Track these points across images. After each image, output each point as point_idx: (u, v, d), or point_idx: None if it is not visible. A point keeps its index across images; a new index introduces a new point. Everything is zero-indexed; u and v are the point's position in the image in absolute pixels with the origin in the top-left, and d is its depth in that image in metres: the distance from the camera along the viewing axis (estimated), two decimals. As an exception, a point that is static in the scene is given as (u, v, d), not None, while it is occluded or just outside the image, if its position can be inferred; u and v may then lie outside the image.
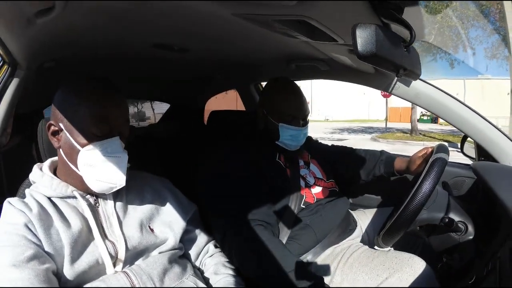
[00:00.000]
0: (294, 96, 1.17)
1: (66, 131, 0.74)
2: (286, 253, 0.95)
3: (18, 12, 0.65)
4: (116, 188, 0.77)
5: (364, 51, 0.48)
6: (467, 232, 0.98)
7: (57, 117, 0.76)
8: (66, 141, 0.75)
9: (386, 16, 0.57)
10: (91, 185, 0.75)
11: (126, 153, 0.77)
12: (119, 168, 0.75)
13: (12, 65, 0.91)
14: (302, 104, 1.17)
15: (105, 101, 0.75)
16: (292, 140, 1.16)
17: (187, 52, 1.16)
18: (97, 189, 0.76)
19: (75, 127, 0.73)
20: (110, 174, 0.74)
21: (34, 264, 0.63)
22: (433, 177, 0.84)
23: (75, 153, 0.74)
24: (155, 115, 4.81)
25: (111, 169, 0.74)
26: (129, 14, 0.77)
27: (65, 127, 0.74)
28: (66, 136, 0.74)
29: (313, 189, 1.16)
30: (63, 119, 0.74)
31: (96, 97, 0.74)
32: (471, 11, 11.11)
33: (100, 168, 0.73)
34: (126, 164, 0.77)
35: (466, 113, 1.12)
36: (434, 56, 13.23)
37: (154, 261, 0.78)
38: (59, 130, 0.75)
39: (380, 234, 0.94)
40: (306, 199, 1.12)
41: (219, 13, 0.68)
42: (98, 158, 0.73)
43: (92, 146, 0.73)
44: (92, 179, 0.74)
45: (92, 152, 0.73)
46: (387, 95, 13.92)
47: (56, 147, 0.77)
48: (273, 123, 1.16)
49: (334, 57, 1.08)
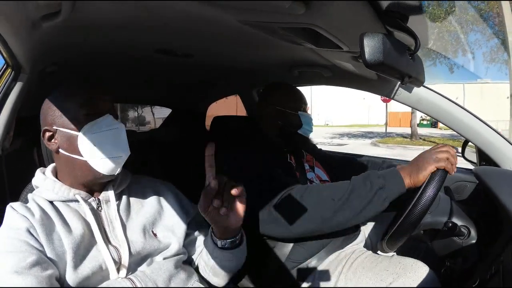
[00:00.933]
0: (295, 90, 1.31)
1: (60, 127, 0.75)
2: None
3: (24, 16, 0.65)
4: (123, 159, 0.77)
5: (372, 60, 0.49)
6: (470, 236, 0.98)
7: (48, 122, 0.77)
8: (63, 135, 0.75)
9: (391, 25, 0.57)
10: (99, 167, 0.74)
11: (122, 124, 0.77)
12: (120, 139, 0.76)
13: (16, 69, 0.91)
14: (300, 95, 1.30)
15: (90, 89, 0.78)
16: (310, 126, 1.27)
17: (190, 58, 1.16)
18: (105, 170, 0.75)
19: (67, 118, 0.75)
20: (113, 147, 0.75)
21: (36, 270, 0.62)
22: (436, 183, 0.84)
23: (74, 141, 0.74)
24: (155, 120, 4.82)
25: (112, 142, 0.75)
26: (134, 20, 0.77)
27: (58, 125, 0.76)
28: (61, 131, 0.75)
29: None
30: (54, 120, 0.76)
31: (82, 88, 0.78)
32: (470, 16, 11.17)
33: (102, 144, 0.74)
34: (125, 134, 0.77)
35: (467, 118, 1.12)
36: (434, 61, 13.29)
37: (159, 267, 0.77)
38: (54, 132, 0.76)
39: (384, 239, 0.94)
40: None
41: (225, 20, 0.68)
42: (97, 136, 0.74)
43: (87, 128, 0.74)
44: (97, 160, 0.74)
45: (89, 132, 0.74)
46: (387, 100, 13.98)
47: (54, 149, 0.77)
48: (292, 114, 1.24)
49: (338, 63, 1.09)
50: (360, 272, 0.99)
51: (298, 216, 0.93)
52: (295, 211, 0.93)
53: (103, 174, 0.75)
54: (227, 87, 1.90)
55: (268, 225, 0.98)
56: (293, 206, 0.94)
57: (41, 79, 1.07)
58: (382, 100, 14.60)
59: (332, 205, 0.90)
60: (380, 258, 1.02)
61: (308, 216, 0.92)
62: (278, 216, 0.96)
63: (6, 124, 0.92)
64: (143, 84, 1.74)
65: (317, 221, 0.92)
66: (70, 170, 0.77)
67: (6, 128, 0.92)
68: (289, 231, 0.95)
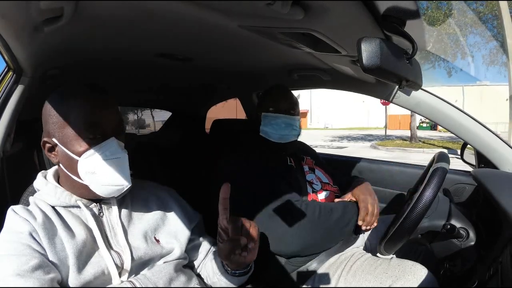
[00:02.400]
0: (277, 91, 1.25)
1: (60, 144, 0.72)
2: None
3: (26, 19, 0.65)
4: (124, 189, 0.74)
5: (369, 65, 0.50)
6: (469, 238, 0.98)
7: (49, 132, 0.73)
8: (63, 154, 0.72)
9: (389, 29, 0.58)
10: (98, 191, 0.73)
11: (126, 152, 0.74)
12: (122, 170, 0.72)
13: (17, 72, 0.91)
14: (287, 97, 1.23)
15: (95, 106, 0.72)
16: (273, 128, 1.19)
17: (191, 61, 1.17)
18: (105, 194, 0.74)
19: (69, 137, 0.71)
20: (114, 177, 0.72)
21: (39, 273, 0.62)
22: (434, 187, 0.85)
23: (74, 164, 0.71)
24: (155, 123, 4.83)
25: (114, 172, 0.71)
26: (134, 24, 0.78)
27: (58, 141, 0.72)
28: (62, 149, 0.72)
29: (319, 194, 1.17)
30: (55, 133, 0.72)
31: (85, 103, 0.72)
32: (469, 18, 11.21)
33: (103, 173, 0.71)
34: (128, 164, 0.74)
35: (466, 121, 1.13)
36: (433, 64, 13.33)
37: (159, 270, 0.77)
38: (54, 145, 0.73)
39: (382, 243, 0.94)
40: None
41: (225, 24, 0.69)
42: (98, 163, 0.70)
43: (89, 153, 0.70)
44: (97, 186, 0.72)
45: (91, 159, 0.70)
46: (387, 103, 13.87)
47: (55, 162, 0.75)
48: (258, 117, 1.23)
49: (336, 67, 1.09)
50: (360, 275, 0.99)
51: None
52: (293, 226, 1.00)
53: (103, 196, 0.75)
54: (227, 90, 1.90)
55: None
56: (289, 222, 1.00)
57: (43, 82, 1.07)
58: (382, 103, 14.58)
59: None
60: (380, 261, 1.03)
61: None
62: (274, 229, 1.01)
63: (7, 127, 0.92)
64: (143, 88, 1.74)
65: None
66: (70, 184, 0.76)
67: (7, 131, 0.93)
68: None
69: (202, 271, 0.91)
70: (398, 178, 1.60)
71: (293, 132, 1.21)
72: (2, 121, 0.91)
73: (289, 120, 1.19)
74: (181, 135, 2.00)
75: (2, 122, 0.91)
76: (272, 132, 1.19)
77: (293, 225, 1.00)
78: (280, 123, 1.18)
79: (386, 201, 1.60)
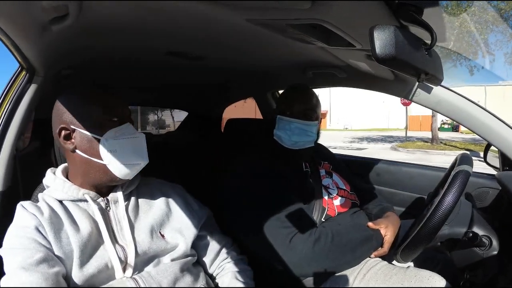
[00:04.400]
0: (294, 92, 1.18)
1: (79, 128, 0.76)
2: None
3: (32, 19, 0.66)
4: (141, 166, 0.79)
5: (383, 54, 0.46)
6: (491, 247, 0.92)
7: (65, 120, 0.77)
8: (82, 137, 0.76)
9: (405, 18, 0.54)
10: (116, 171, 0.76)
11: (142, 133, 0.80)
12: (140, 148, 0.79)
13: (30, 72, 0.92)
14: (304, 99, 1.15)
15: (111, 94, 0.80)
16: (286, 133, 1.11)
17: (202, 60, 1.16)
18: (122, 175, 0.77)
19: (89, 121, 0.76)
20: (134, 155, 0.77)
21: (43, 267, 0.64)
22: (456, 191, 0.80)
23: (95, 145, 0.75)
24: (174, 123, 4.92)
25: (133, 149, 0.78)
26: (143, 23, 0.77)
27: (77, 126, 0.76)
28: (82, 132, 0.76)
29: (335, 200, 1.13)
30: (73, 120, 0.76)
31: (106, 94, 0.80)
32: (490, 16, 10.81)
33: (123, 151, 0.76)
34: (145, 143, 0.80)
35: (490, 120, 1.06)
36: (454, 62, 12.91)
37: (165, 269, 0.77)
38: (71, 131, 0.76)
39: (399, 249, 0.90)
40: (328, 211, 1.09)
41: (232, 19, 0.67)
42: (119, 141, 0.76)
43: (110, 134, 0.75)
44: (116, 165, 0.76)
45: (112, 138, 0.75)
46: (407, 103, 13.66)
47: (71, 149, 0.77)
48: (274, 119, 1.16)
49: (352, 63, 1.05)
50: (373, 284, 0.94)
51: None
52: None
53: (119, 178, 0.77)
54: (241, 89, 1.88)
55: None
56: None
57: (57, 82, 1.09)
58: (402, 103, 14.29)
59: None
60: (395, 269, 0.97)
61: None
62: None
63: (20, 125, 0.94)
64: (157, 87, 1.76)
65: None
66: (84, 171, 0.78)
67: (20, 129, 0.94)
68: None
69: (221, 271, 0.91)
70: (418, 180, 1.53)
71: (307, 138, 1.13)
72: (15, 120, 0.93)
73: (304, 126, 1.11)
74: (197, 135, 2.01)
75: (15, 121, 0.93)
76: (285, 137, 1.12)
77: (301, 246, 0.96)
78: (294, 128, 1.10)
79: (405, 205, 1.54)
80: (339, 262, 0.97)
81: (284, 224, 0.97)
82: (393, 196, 1.56)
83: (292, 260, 0.95)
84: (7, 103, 0.93)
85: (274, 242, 0.96)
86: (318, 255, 0.94)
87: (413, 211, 1.50)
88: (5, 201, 0.89)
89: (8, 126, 0.91)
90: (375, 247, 1.03)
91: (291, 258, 0.95)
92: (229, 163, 1.18)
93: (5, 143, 0.91)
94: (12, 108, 0.92)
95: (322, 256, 0.95)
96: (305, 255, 0.94)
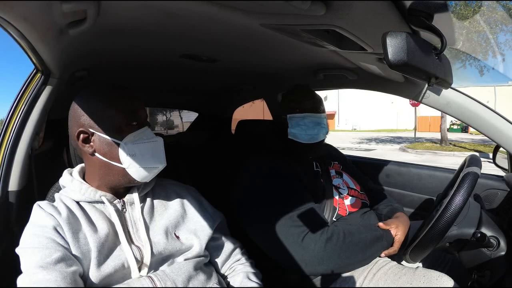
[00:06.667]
0: (299, 91, 1.21)
1: (99, 132, 0.76)
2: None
3: (51, 22, 0.67)
4: (159, 169, 0.80)
5: (395, 60, 0.47)
6: (499, 247, 0.92)
7: (83, 124, 0.76)
8: (102, 141, 0.76)
9: (415, 24, 0.55)
10: (135, 174, 0.77)
11: (160, 137, 0.81)
12: (158, 151, 0.80)
13: (45, 74, 0.94)
14: (310, 95, 1.19)
15: (131, 97, 0.80)
16: (302, 129, 1.15)
17: (216, 63, 1.18)
18: (140, 178, 0.78)
19: (108, 125, 0.76)
20: (152, 158, 0.78)
21: (61, 266, 0.64)
22: (465, 193, 0.80)
23: (114, 149, 0.76)
24: (183, 124, 4.92)
25: (152, 153, 0.78)
26: (158, 26, 0.79)
27: (96, 130, 0.76)
28: (102, 136, 0.76)
29: (346, 199, 1.14)
30: (92, 124, 0.76)
31: (125, 97, 0.79)
32: (499, 15, 10.65)
33: (142, 154, 0.76)
34: (163, 147, 0.81)
35: (499, 122, 1.06)
36: (463, 63, 12.72)
37: (179, 267, 0.78)
38: (90, 135, 0.76)
39: (408, 250, 0.90)
40: (339, 211, 1.10)
41: (247, 24, 0.68)
42: (138, 146, 0.76)
43: (129, 138, 0.76)
44: (135, 169, 0.76)
45: (131, 142, 0.76)
46: (416, 104, 13.49)
47: (90, 153, 0.77)
48: (284, 120, 1.19)
49: (363, 66, 1.06)
50: (382, 285, 0.95)
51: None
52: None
53: (137, 180, 0.78)
54: (252, 91, 1.90)
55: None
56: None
57: (72, 84, 1.11)
58: (411, 104, 14.14)
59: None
60: (404, 270, 0.98)
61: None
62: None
63: (35, 125, 0.96)
64: (169, 89, 1.77)
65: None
66: (103, 174, 0.78)
67: (35, 129, 0.96)
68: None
69: (233, 272, 0.92)
70: (427, 182, 1.54)
71: (322, 130, 1.18)
72: (30, 120, 0.95)
73: (317, 119, 1.16)
74: (207, 136, 2.02)
75: (30, 121, 0.95)
76: (301, 133, 1.15)
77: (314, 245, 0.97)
78: (308, 122, 1.15)
79: (414, 206, 1.54)
80: (350, 261, 0.97)
81: (296, 223, 0.98)
82: (403, 197, 1.57)
83: (304, 258, 0.95)
84: (23, 104, 0.95)
85: (286, 241, 0.97)
86: (330, 254, 0.95)
87: (422, 212, 1.51)
88: (23, 200, 0.91)
89: (24, 126, 0.94)
90: (385, 247, 1.03)
91: (303, 257, 0.95)
92: (241, 163, 1.20)
93: (21, 143, 0.93)
94: (28, 109, 0.94)
95: (334, 255, 0.95)
96: (317, 254, 0.95)
